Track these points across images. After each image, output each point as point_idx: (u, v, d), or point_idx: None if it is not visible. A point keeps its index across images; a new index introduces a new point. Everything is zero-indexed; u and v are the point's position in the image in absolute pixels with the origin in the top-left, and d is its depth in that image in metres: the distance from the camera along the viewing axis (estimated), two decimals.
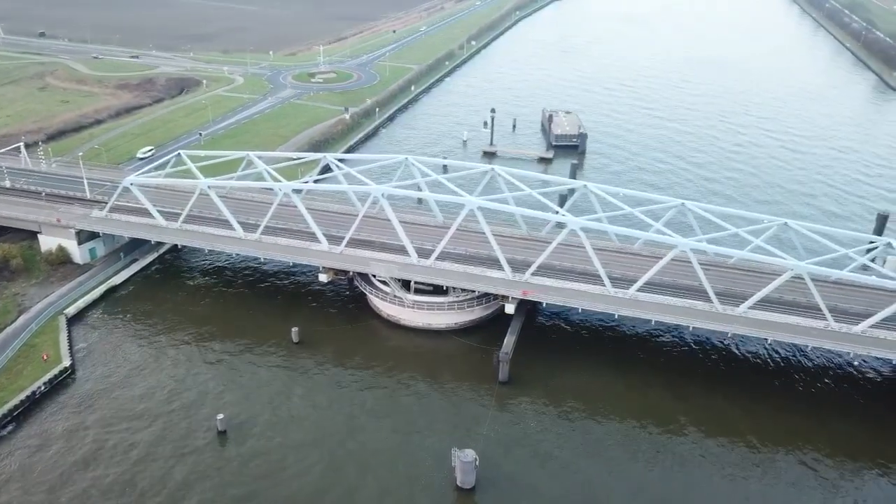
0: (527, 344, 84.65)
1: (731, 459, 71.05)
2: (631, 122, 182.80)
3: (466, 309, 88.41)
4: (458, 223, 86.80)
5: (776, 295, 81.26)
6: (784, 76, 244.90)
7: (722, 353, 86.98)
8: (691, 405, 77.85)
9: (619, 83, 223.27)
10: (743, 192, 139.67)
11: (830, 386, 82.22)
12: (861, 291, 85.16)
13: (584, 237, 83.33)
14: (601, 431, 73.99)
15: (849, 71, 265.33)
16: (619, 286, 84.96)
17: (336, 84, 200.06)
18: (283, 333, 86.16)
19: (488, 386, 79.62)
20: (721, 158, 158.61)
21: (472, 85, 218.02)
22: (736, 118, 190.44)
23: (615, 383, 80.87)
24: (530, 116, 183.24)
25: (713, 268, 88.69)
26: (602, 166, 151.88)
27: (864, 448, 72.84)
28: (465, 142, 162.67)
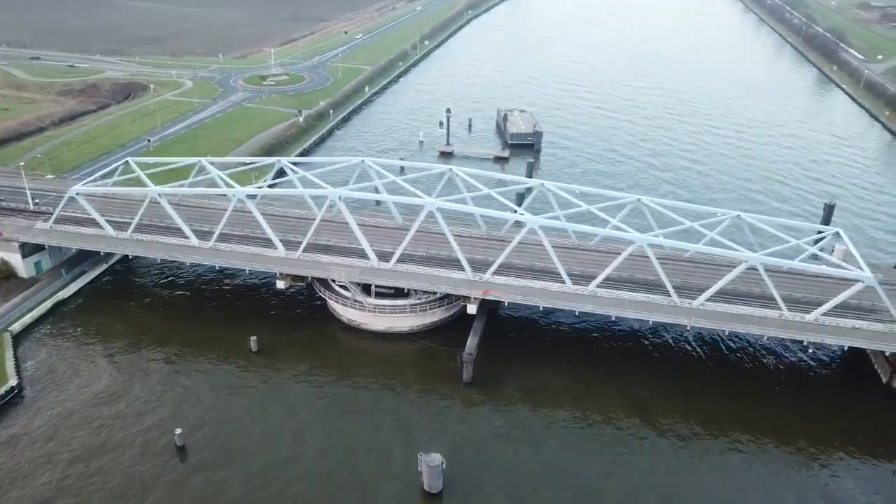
0: (490, 344, 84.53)
1: (693, 450, 72.07)
2: (585, 120, 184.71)
3: (428, 311, 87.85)
4: (418, 225, 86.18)
5: (732, 286, 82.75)
6: (730, 71, 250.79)
7: (681, 346, 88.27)
8: (653, 399, 78.76)
9: (572, 81, 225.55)
10: (696, 187, 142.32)
11: (785, 373, 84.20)
12: (812, 280, 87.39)
13: (543, 235, 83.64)
14: (566, 429, 74.27)
15: (791, 65, 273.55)
16: (579, 283, 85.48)
17: (288, 86, 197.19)
18: (241, 343, 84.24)
19: (453, 388, 79.22)
20: (673, 154, 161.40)
21: (427, 85, 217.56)
22: (686, 114, 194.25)
23: (578, 379, 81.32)
24: (486, 116, 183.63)
25: (670, 261, 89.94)
26: (558, 164, 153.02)
27: (824, 429, 74.84)
28: (421, 142, 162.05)
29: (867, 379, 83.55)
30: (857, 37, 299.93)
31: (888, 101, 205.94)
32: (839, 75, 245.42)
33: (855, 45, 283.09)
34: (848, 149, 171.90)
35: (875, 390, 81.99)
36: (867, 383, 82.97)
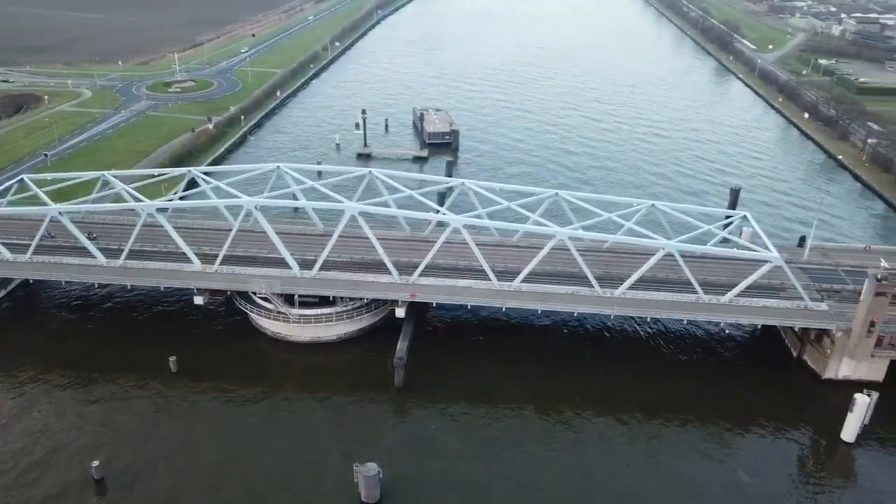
0: (421, 346, 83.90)
1: (626, 436, 73.66)
2: (498, 117, 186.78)
3: (355, 318, 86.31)
4: (340, 230, 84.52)
5: (651, 274, 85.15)
6: (635, 64, 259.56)
7: (606, 334, 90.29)
8: (583, 388, 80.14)
9: (484, 78, 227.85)
10: (610, 179, 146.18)
11: (705, 354, 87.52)
12: (724, 263, 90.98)
13: (467, 234, 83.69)
14: (502, 426, 74.52)
15: (691, 56, 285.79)
16: (505, 279, 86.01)
17: (195, 93, 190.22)
18: (159, 364, 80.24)
19: (385, 394, 78.13)
20: (585, 148, 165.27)
21: (341, 87, 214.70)
22: (594, 109, 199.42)
23: (510, 376, 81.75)
24: (402, 115, 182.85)
25: (591, 253, 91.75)
26: (476, 162, 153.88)
27: (743, 404, 78.06)
28: (337, 145, 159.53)
29: (779, 354, 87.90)
30: (749, 28, 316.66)
31: (780, 88, 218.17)
32: (735, 65, 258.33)
33: (748, 36, 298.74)
34: (748, 134, 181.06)
35: (787, 364, 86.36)
36: (780, 358, 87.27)
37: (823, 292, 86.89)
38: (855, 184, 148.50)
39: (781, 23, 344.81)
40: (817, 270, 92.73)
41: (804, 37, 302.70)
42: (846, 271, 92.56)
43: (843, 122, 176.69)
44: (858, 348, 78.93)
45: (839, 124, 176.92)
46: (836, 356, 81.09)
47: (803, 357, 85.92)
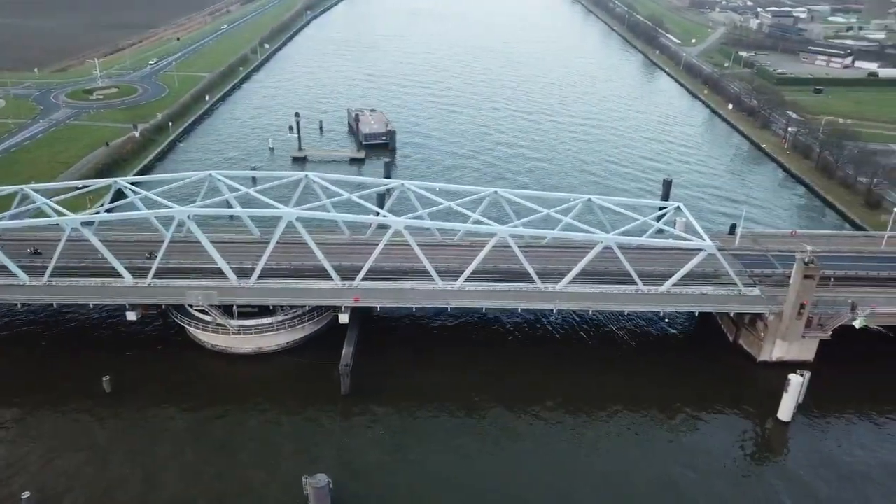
0: (367, 352, 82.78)
1: (573, 430, 74.46)
2: (435, 116, 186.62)
3: (298, 326, 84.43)
4: (278, 237, 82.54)
5: (591, 267, 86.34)
6: (565, 60, 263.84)
7: (550, 330, 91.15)
8: (530, 385, 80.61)
9: (418, 77, 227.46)
10: (546, 174, 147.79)
11: (647, 343, 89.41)
12: (661, 254, 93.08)
13: (409, 235, 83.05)
14: (451, 429, 74.17)
15: (619, 52, 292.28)
16: (449, 279, 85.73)
17: (119, 99, 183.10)
18: (92, 386, 76.58)
19: (332, 402, 76.67)
20: (521, 143, 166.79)
21: (272, 89, 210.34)
22: (527, 106, 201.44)
23: (457, 376, 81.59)
24: (336, 117, 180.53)
25: (531, 249, 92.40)
26: (415, 161, 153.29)
27: (685, 391, 80.00)
28: (272, 149, 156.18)
29: (717, 339, 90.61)
30: (673, 23, 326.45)
31: (705, 81, 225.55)
32: (662, 59, 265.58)
33: (672, 30, 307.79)
34: (677, 126, 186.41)
35: (724, 349, 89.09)
36: (717, 343, 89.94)
37: (755, 278, 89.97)
38: (778, 171, 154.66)
39: (703, 17, 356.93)
40: (748, 257, 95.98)
41: (724, 30, 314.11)
42: (775, 256, 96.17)
43: (765, 112, 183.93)
44: (790, 330, 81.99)
45: (761, 114, 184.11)
46: (770, 339, 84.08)
47: (739, 341, 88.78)
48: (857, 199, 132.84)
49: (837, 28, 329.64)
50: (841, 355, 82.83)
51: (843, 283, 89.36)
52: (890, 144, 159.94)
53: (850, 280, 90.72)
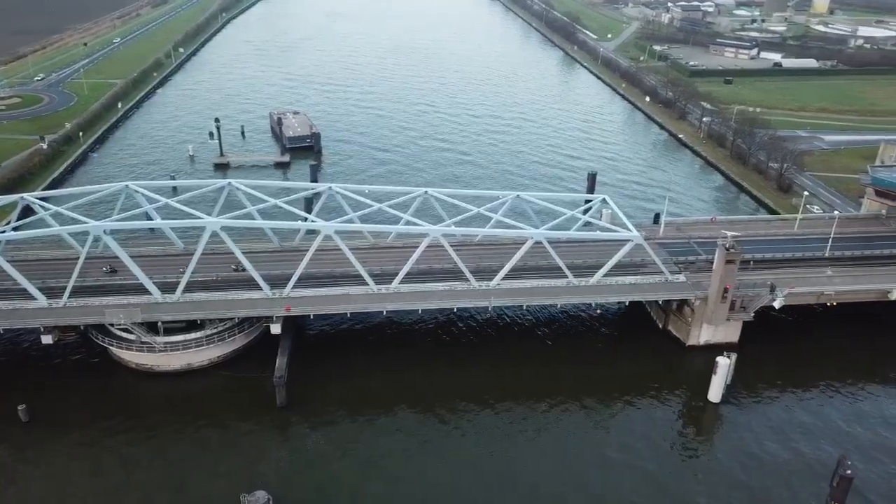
0: (302, 361, 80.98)
1: (512, 425, 74.89)
2: (360, 116, 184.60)
3: (228, 339, 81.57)
4: (202, 248, 79.59)
5: (522, 263, 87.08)
6: (486, 57, 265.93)
7: (486, 326, 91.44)
8: (469, 382, 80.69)
9: (341, 77, 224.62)
10: (475, 172, 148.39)
11: (580, 334, 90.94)
12: (589, 246, 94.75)
13: (339, 240, 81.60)
14: (391, 431, 73.35)
15: (539, 48, 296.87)
16: (383, 282, 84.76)
17: (23, 110, 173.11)
18: (8, 415, 71.81)
19: (267, 415, 74.51)
20: (447, 142, 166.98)
21: (189, 94, 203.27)
22: (452, 103, 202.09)
23: (395, 380, 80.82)
24: (258, 121, 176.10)
25: (464, 248, 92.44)
26: (341, 164, 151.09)
27: (620, 377, 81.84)
28: (191, 156, 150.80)
29: (647, 326, 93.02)
30: (589, 19, 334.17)
31: (623, 75, 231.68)
32: (580, 54, 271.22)
33: (588, 26, 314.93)
34: (598, 120, 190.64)
35: (654, 335, 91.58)
36: (647, 330, 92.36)
37: (680, 265, 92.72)
38: (696, 160, 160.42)
39: (617, 13, 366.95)
40: (673, 245, 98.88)
41: (638, 25, 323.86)
42: (698, 243, 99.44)
43: (681, 103, 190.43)
44: (715, 314, 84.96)
45: (677, 106, 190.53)
46: (697, 323, 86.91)
47: (668, 327, 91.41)
48: (769, 184, 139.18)
49: (743, 21, 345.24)
50: (763, 335, 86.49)
51: (762, 266, 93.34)
52: (796, 131, 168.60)
53: (768, 263, 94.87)
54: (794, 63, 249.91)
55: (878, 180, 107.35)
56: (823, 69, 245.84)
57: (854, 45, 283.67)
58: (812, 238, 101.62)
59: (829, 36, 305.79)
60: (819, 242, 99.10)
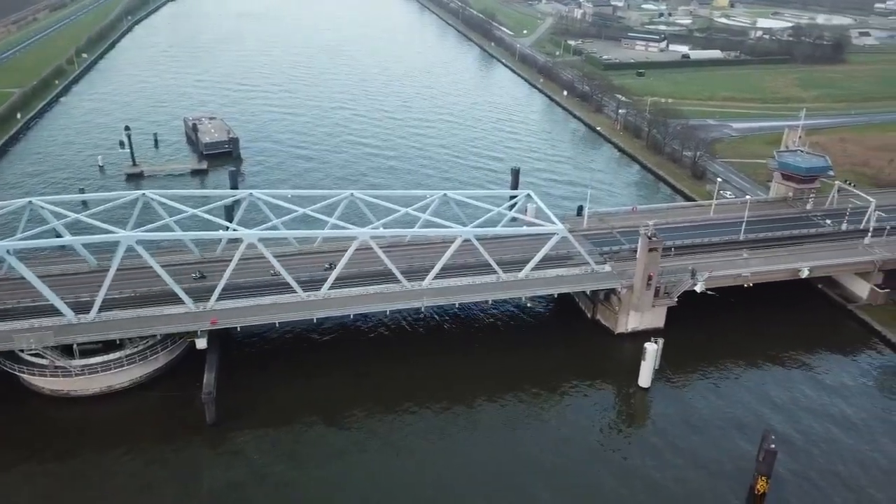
0: (232, 375, 78.21)
1: (455, 425, 74.75)
2: (279, 120, 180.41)
3: (150, 357, 77.95)
4: (117, 264, 75.72)
5: (452, 261, 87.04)
6: (404, 56, 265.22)
7: (420, 326, 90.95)
8: (405, 385, 79.94)
9: (258, 80, 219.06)
10: (399, 173, 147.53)
11: (513, 329, 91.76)
12: (517, 241, 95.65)
13: (263, 247, 79.34)
14: (329, 441, 71.87)
15: (456, 45, 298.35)
16: (312, 289, 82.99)
17: None
18: None
19: (198, 434, 71.62)
20: (374, 144, 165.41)
21: (97, 102, 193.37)
22: (371, 103, 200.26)
23: (330, 388, 79.18)
24: (172, 127, 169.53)
25: (394, 249, 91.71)
26: (262, 169, 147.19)
27: (551, 372, 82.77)
28: (101, 167, 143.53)
29: (576, 317, 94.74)
30: (505, 15, 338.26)
31: (540, 70, 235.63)
32: (498, 51, 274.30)
33: (504, 23, 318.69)
34: (518, 115, 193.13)
35: (584, 325, 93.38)
36: (577, 321, 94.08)
37: (605, 255, 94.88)
38: (614, 151, 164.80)
39: (532, 9, 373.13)
40: (597, 236, 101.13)
41: (552, 21, 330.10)
42: (621, 233, 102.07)
43: (597, 96, 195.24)
44: (641, 301, 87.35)
45: (594, 99, 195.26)
46: (624, 311, 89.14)
47: (597, 317, 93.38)
48: (684, 172, 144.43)
49: (651, 15, 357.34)
50: (687, 319, 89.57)
51: (682, 252, 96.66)
52: (706, 119, 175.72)
53: (687, 248, 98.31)
54: (701, 54, 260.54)
55: (784, 164, 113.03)
56: (728, 60, 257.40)
57: (754, 36, 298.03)
58: (727, 222, 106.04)
59: (732, 28, 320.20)
60: (734, 226, 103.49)
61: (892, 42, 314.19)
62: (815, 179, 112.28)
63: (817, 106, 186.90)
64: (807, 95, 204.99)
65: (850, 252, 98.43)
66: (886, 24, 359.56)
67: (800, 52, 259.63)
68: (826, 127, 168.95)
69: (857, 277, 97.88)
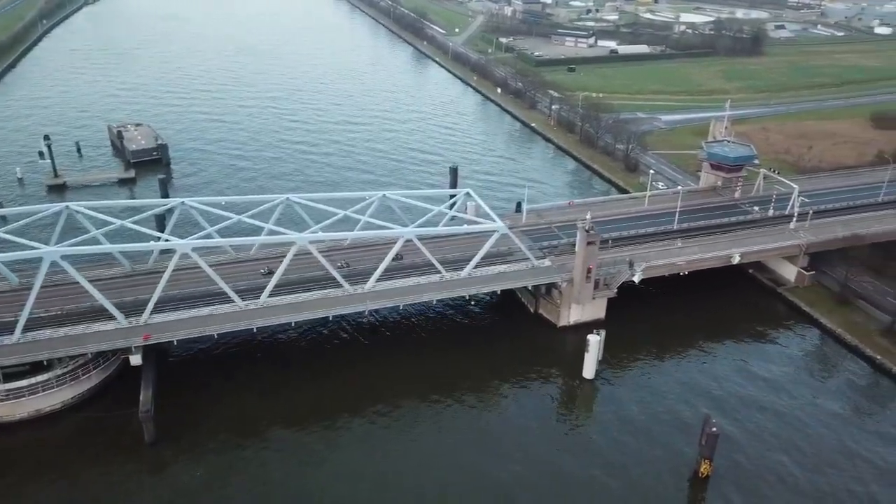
0: (170, 391, 75.30)
1: (398, 427, 74.15)
2: (208, 125, 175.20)
3: (82, 377, 74.38)
4: (41, 281, 71.96)
5: (395, 263, 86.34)
6: (335, 57, 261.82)
7: (363, 330, 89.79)
8: (349, 391, 78.78)
9: (186, 84, 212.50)
10: (337, 175, 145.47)
11: (458, 327, 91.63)
12: (458, 240, 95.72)
13: (198, 257, 76.88)
14: (269, 451, 70.08)
15: (389, 45, 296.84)
16: (250, 297, 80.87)
17: None
18: None
19: (136, 454, 68.78)
20: (309, 147, 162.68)
21: (11, 112, 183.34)
22: (304, 105, 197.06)
23: (273, 397, 77.26)
24: (95, 135, 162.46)
25: (335, 253, 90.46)
26: (194, 176, 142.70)
27: (497, 368, 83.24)
28: (20, 179, 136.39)
29: (519, 312, 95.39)
30: (436, 14, 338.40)
31: (473, 68, 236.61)
32: (430, 49, 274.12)
33: (436, 21, 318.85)
34: (453, 113, 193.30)
35: (527, 320, 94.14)
36: (520, 316, 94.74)
37: (545, 250, 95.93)
38: (549, 147, 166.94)
39: (462, 7, 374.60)
40: (536, 231, 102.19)
41: (483, 19, 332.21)
42: (559, 227, 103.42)
43: (530, 93, 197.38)
44: (581, 294, 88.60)
45: (527, 95, 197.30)
46: (566, 304, 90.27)
47: (539, 311, 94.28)
48: (617, 165, 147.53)
49: (579, 11, 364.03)
50: (627, 309, 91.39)
51: (619, 244, 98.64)
52: (637, 113, 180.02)
53: (624, 240, 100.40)
54: (629, 49, 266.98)
55: (712, 154, 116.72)
56: (654, 54, 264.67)
57: (678, 31, 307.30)
58: (661, 213, 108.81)
59: (657, 23, 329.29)
60: (668, 216, 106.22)
61: (805, 35, 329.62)
62: (741, 168, 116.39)
63: (740, 97, 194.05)
64: (730, 87, 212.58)
65: (777, 237, 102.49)
66: (799, 17, 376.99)
67: (722, 46, 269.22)
68: (749, 117, 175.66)
69: (785, 261, 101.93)
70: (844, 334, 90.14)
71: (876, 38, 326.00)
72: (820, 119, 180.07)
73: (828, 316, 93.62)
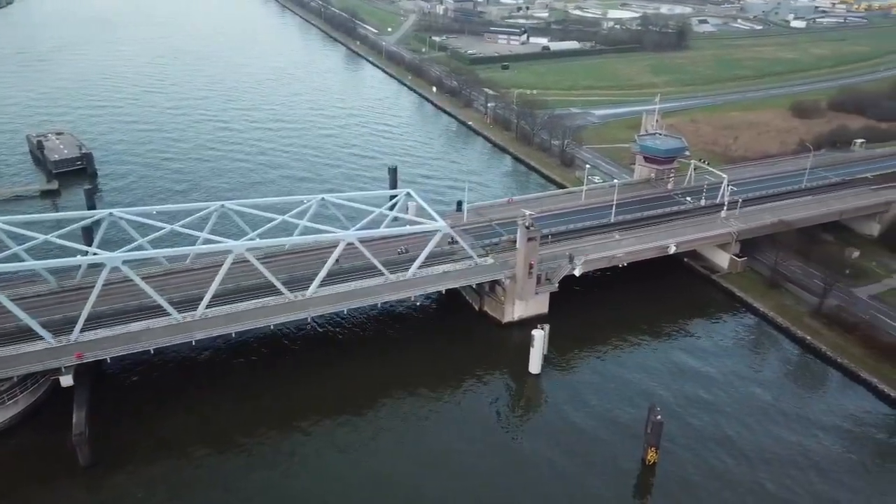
0: (106, 411, 72.18)
1: (352, 429, 73.08)
2: (137, 131, 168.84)
3: (8, 402, 70.37)
4: None
5: (337, 267, 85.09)
6: (267, 59, 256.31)
7: (307, 336, 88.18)
8: (294, 403, 77.12)
9: (111, 89, 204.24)
10: (273, 179, 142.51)
11: (406, 328, 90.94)
12: (400, 241, 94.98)
13: (129, 270, 73.97)
14: (216, 468, 68.13)
15: (321, 46, 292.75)
16: (187, 309, 78.26)
17: None
18: None
19: (71, 479, 65.61)
20: (241, 150, 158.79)
21: None
22: (235, 110, 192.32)
23: (213, 412, 74.90)
24: (11, 145, 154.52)
25: (274, 259, 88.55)
26: (122, 185, 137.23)
27: (443, 367, 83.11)
28: None
29: (464, 311, 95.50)
30: (367, 13, 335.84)
31: (407, 67, 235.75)
32: (364, 49, 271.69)
33: (368, 21, 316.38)
34: (390, 114, 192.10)
35: (472, 318, 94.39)
36: (465, 314, 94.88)
37: (486, 248, 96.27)
38: (486, 144, 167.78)
39: (394, 6, 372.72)
40: (477, 229, 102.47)
41: (415, 18, 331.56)
42: (499, 225, 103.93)
43: (465, 91, 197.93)
44: (524, 290, 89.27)
45: (463, 94, 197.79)
46: (510, 301, 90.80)
47: (484, 308, 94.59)
48: (554, 161, 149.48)
49: (510, 9, 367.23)
50: (569, 303, 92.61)
51: (559, 239, 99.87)
52: (570, 108, 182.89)
53: (563, 235, 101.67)
54: (560, 46, 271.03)
55: (645, 147, 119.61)
56: (584, 50, 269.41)
57: (606, 26, 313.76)
58: (598, 207, 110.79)
59: (586, 19, 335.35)
60: (605, 210, 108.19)
61: (727, 29, 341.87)
62: (673, 160, 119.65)
63: (668, 90, 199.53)
64: (658, 81, 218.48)
65: (710, 226, 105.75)
66: (720, 11, 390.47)
67: (649, 41, 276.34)
68: (678, 110, 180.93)
69: (718, 249, 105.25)
70: (776, 317, 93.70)
71: (792, 31, 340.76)
72: (744, 110, 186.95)
73: (760, 300, 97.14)
